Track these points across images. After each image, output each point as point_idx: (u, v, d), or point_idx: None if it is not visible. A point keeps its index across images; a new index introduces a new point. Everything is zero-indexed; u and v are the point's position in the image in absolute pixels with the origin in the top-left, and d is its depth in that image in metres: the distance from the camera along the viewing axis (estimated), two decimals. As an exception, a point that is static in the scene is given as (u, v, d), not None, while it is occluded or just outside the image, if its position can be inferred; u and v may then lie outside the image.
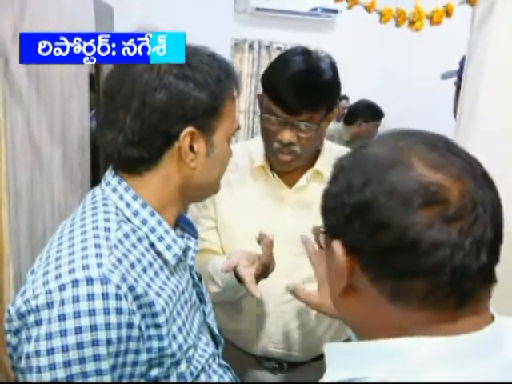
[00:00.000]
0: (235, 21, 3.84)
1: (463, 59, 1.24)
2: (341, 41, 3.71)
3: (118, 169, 0.76)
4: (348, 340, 0.78)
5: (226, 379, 0.85)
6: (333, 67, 1.09)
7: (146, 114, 0.69)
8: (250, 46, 3.85)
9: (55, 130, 1.22)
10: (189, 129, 0.71)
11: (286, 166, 1.14)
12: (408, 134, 0.53)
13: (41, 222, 1.13)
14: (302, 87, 1.02)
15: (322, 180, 1.17)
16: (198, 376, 0.77)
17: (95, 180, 1.59)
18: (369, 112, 3.18)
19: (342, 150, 1.27)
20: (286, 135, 1.06)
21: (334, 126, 3.37)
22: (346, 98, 3.77)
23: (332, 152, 1.20)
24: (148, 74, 0.70)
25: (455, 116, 1.28)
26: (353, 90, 3.31)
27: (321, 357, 1.21)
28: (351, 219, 0.50)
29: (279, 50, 3.85)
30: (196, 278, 0.88)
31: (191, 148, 0.72)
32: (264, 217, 1.16)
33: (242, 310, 1.21)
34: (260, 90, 1.15)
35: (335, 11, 3.75)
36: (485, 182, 0.49)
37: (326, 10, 3.79)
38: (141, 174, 0.74)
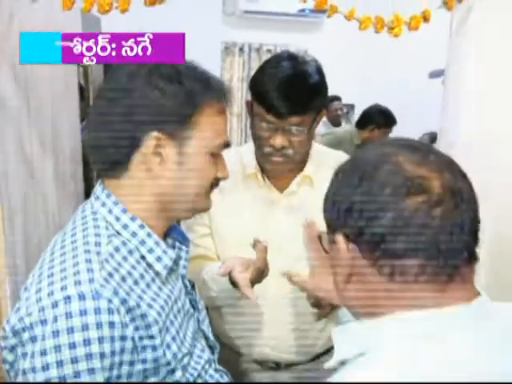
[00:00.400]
0: (224, 24, 3.85)
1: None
2: (329, 41, 3.73)
3: (95, 168, 0.79)
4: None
5: None
6: (319, 70, 1.11)
7: (113, 117, 0.72)
8: (240, 49, 3.86)
9: (46, 142, 1.23)
10: (153, 133, 0.72)
11: (278, 168, 1.15)
12: (393, 141, 0.62)
13: (36, 236, 1.14)
14: (291, 92, 1.04)
15: (311, 184, 1.19)
16: (194, 381, 0.78)
17: (88, 190, 1.61)
18: (382, 118, 3.10)
19: (331, 153, 1.29)
20: (278, 140, 1.08)
21: (344, 129, 3.37)
22: (338, 98, 3.77)
23: (321, 155, 1.23)
24: (124, 78, 0.74)
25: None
26: (341, 90, 3.35)
27: (317, 357, 1.26)
28: (350, 211, 0.57)
29: (269, 52, 3.86)
30: (189, 287, 0.89)
31: (160, 154, 0.74)
32: (256, 222, 1.18)
33: (238, 315, 1.23)
34: (249, 96, 1.17)
35: (323, 11, 3.77)
36: (461, 176, 0.57)
37: (313, 11, 3.81)
38: (117, 178, 0.76)
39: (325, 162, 1.18)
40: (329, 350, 1.24)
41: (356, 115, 3.82)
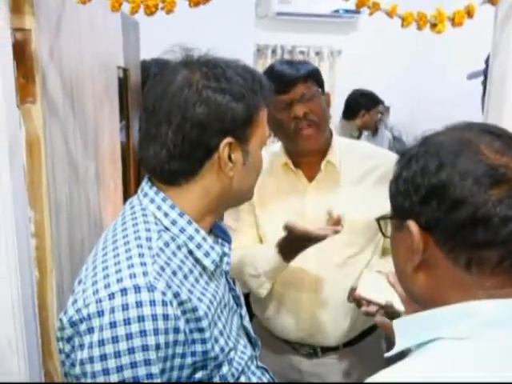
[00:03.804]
0: (257, 26, 3.85)
1: (489, 57, 1.23)
2: (364, 42, 3.68)
3: (159, 181, 0.78)
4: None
5: (264, 381, 0.87)
6: (310, 62, 1.27)
7: (187, 129, 0.72)
8: (273, 52, 3.86)
9: (89, 144, 1.27)
10: (227, 139, 0.73)
11: (312, 141, 1.19)
12: (473, 126, 0.59)
13: (79, 233, 1.18)
14: (285, 68, 1.18)
15: (335, 171, 1.24)
16: (238, 378, 0.79)
17: (125, 190, 1.65)
18: (368, 101, 3.15)
19: (355, 143, 1.40)
20: (298, 109, 1.15)
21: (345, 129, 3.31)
22: (381, 102, 3.46)
23: (342, 146, 1.27)
24: (187, 89, 0.72)
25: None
26: (378, 89, 3.29)
27: (353, 341, 1.28)
28: (427, 199, 0.55)
29: (302, 54, 3.84)
30: (231, 283, 0.91)
31: (229, 158, 0.74)
32: (289, 209, 1.24)
33: (275, 299, 1.28)
34: None
35: (358, 12, 3.72)
36: None
37: (348, 11, 3.77)
38: (180, 185, 0.76)
39: (348, 151, 1.27)
40: (358, 338, 1.30)
41: (392, 118, 3.73)
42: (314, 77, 1.20)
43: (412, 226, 0.57)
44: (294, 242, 1.11)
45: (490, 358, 0.50)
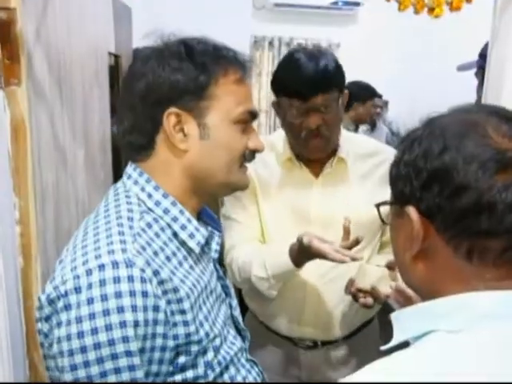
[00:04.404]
0: (254, 17, 3.81)
1: (485, 47, 1.21)
2: (364, 34, 3.65)
3: (128, 159, 0.80)
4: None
5: (253, 374, 0.86)
6: (332, 55, 1.18)
7: (133, 103, 0.74)
8: (270, 43, 3.82)
9: (77, 131, 1.24)
10: (170, 110, 0.73)
11: (319, 151, 1.18)
12: (481, 107, 0.56)
13: (66, 221, 1.15)
14: (309, 73, 1.10)
15: (345, 167, 1.22)
16: (226, 367, 0.78)
17: (117, 179, 1.62)
18: (362, 93, 3.10)
19: (358, 138, 1.34)
20: (312, 120, 1.11)
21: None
22: (379, 95, 3.48)
23: (348, 140, 1.25)
24: (138, 63, 0.76)
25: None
26: (376, 83, 3.27)
27: (353, 334, 1.27)
28: (428, 184, 0.52)
29: (300, 46, 3.81)
30: (220, 272, 0.89)
31: (182, 130, 0.74)
32: (293, 204, 1.22)
33: (277, 297, 1.24)
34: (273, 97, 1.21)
35: (357, 4, 3.68)
36: None
37: (347, 3, 3.72)
38: (144, 161, 0.77)
39: (354, 146, 1.25)
40: (357, 330, 1.30)
41: (390, 112, 3.70)
42: (337, 81, 1.15)
43: (412, 212, 0.54)
44: (306, 255, 1.08)
45: (484, 352, 0.48)
